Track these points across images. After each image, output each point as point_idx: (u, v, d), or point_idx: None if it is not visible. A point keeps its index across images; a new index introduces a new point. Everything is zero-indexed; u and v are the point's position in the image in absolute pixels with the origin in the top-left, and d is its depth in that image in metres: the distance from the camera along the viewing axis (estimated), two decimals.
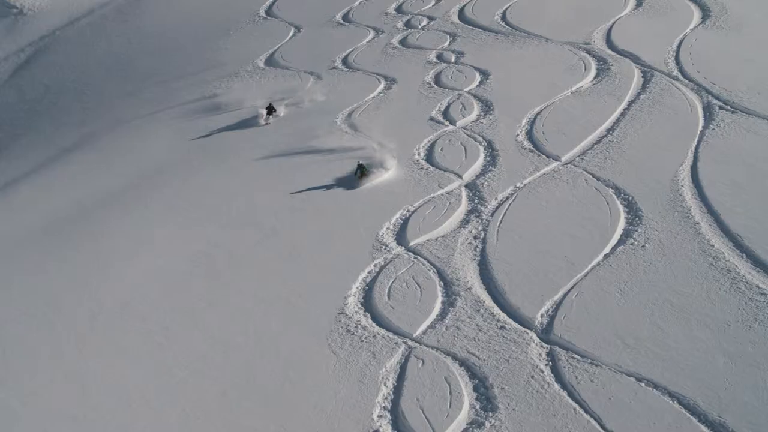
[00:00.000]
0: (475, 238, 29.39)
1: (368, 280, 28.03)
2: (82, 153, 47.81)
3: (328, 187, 34.09)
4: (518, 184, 32.48)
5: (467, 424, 21.70)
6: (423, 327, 25.41)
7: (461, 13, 55.56)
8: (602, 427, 20.88)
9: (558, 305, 25.32)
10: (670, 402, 21.23)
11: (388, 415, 22.29)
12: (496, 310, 25.66)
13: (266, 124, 41.35)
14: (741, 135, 33.64)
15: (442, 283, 27.23)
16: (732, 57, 41.73)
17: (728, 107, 36.22)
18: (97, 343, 26.99)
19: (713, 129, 34.48)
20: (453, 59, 47.38)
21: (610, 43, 46.11)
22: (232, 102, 46.33)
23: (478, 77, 44.06)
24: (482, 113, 39.60)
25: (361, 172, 33.69)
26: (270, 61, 54.02)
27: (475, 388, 22.73)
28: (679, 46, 44.08)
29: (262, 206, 33.42)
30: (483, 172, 33.88)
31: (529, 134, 36.61)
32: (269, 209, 32.95)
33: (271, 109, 41.55)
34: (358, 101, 43.37)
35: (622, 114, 37.33)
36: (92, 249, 32.85)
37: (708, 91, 38.12)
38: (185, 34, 64.13)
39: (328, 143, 38.43)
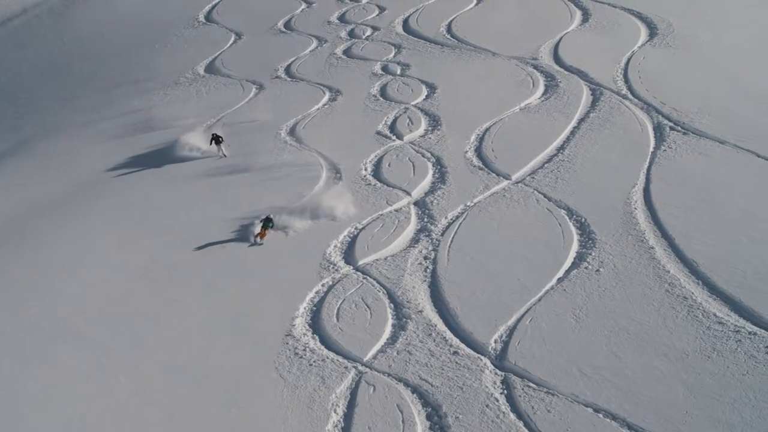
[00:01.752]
0: (426, 258, 28.74)
1: (316, 300, 27.29)
2: (16, 159, 46.36)
3: (273, 201, 32.99)
4: (468, 203, 31.91)
5: None
6: (373, 351, 24.71)
7: (406, 24, 54.96)
8: None
9: (512, 330, 24.76)
10: None
11: None
12: (449, 334, 25.03)
13: (223, 156, 38.75)
14: (693, 157, 33.37)
15: (392, 305, 26.59)
16: (681, 76, 41.60)
17: (679, 128, 36.01)
18: (33, 363, 25.85)
19: (665, 150, 34.20)
20: (398, 71, 46.74)
21: (557, 58, 45.80)
22: (170, 117, 44.79)
23: (424, 90, 43.49)
24: (430, 128, 39.02)
25: (264, 226, 30.69)
26: (210, 69, 52.99)
27: (429, 417, 22.10)
28: (627, 64, 43.92)
29: (205, 220, 32.47)
30: (432, 190, 33.26)
31: (479, 151, 36.09)
32: (212, 223, 32.02)
33: (218, 139, 38.76)
34: (303, 113, 42.50)
35: (572, 132, 36.96)
36: (28, 261, 31.65)
37: (658, 111, 37.92)
38: (122, 38, 62.82)
39: (272, 157, 37.48)
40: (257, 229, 30.72)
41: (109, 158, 40.32)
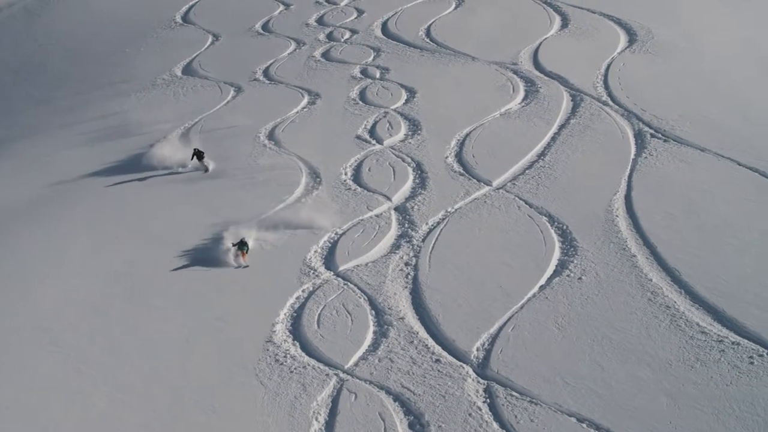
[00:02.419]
0: (407, 264, 28.57)
1: (296, 306, 27.12)
2: None
3: (252, 206, 32.71)
4: (449, 209, 31.79)
5: None
6: (355, 358, 24.55)
7: (384, 27, 54.66)
8: None
9: (494, 338, 24.66)
10: None
11: None
12: (431, 342, 24.88)
13: (206, 170, 37.37)
14: (674, 165, 33.36)
15: (373, 312, 26.44)
16: (661, 84, 41.60)
17: (660, 135, 36.01)
18: (8, 368, 25.47)
19: (646, 157, 34.18)
20: (378, 75, 46.47)
21: (537, 64, 45.69)
22: (147, 120, 44.27)
23: (404, 95, 43.27)
24: (410, 133, 38.82)
25: (241, 249, 29.48)
26: (188, 70, 52.49)
27: (411, 426, 21.95)
28: (607, 70, 43.88)
29: (184, 224, 32.18)
30: (413, 195, 33.11)
31: (459, 156, 35.95)
32: (191, 228, 31.71)
33: (199, 154, 37.32)
34: (282, 116, 42.14)
35: (553, 138, 36.90)
36: (4, 265, 31.19)
37: (639, 118, 37.91)
38: (98, 39, 62.15)
39: (251, 161, 37.19)
40: (232, 254, 29.76)
41: (86, 162, 39.83)
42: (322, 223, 31.07)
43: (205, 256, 29.99)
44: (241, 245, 29.13)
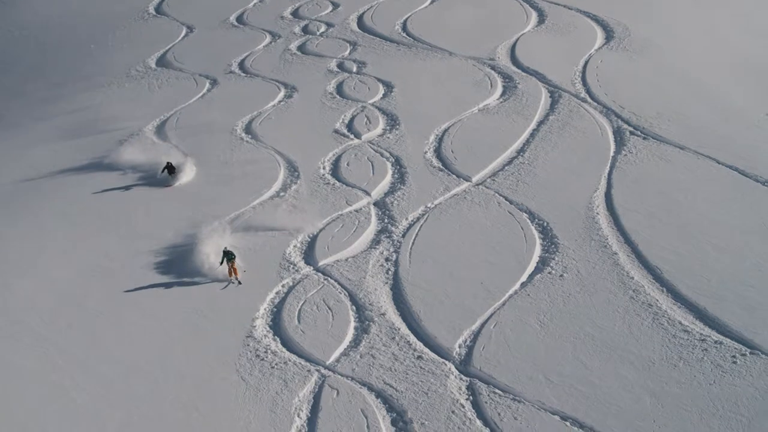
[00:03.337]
0: (387, 260, 28.41)
1: (276, 301, 26.88)
2: None
3: (230, 200, 32.50)
4: (429, 205, 31.65)
5: None
6: (336, 354, 24.35)
7: (360, 21, 54.58)
8: None
9: (476, 335, 24.51)
10: None
11: None
12: (412, 338, 24.71)
13: (170, 185, 35.26)
14: (654, 162, 33.35)
15: (354, 308, 26.25)
16: (639, 81, 41.68)
17: (639, 133, 36.01)
18: None
19: (625, 155, 34.16)
20: (355, 69, 46.37)
21: (514, 59, 45.67)
22: (122, 114, 43.85)
23: (381, 89, 43.16)
24: (388, 127, 38.70)
25: (228, 259, 27.92)
26: (162, 62, 52.22)
27: (394, 422, 21.77)
28: (585, 67, 43.90)
29: (160, 218, 31.97)
30: (392, 190, 32.97)
31: (438, 152, 35.82)
32: (169, 222, 31.50)
33: (171, 168, 35.21)
34: (258, 109, 41.87)
35: (532, 135, 36.84)
36: None
37: (617, 115, 37.89)
38: (72, 31, 61.77)
39: (229, 155, 36.91)
40: (218, 264, 28.45)
41: (61, 155, 39.46)
42: (300, 225, 30.61)
43: (183, 250, 29.59)
44: (228, 256, 27.87)
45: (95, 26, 61.58)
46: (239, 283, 27.60)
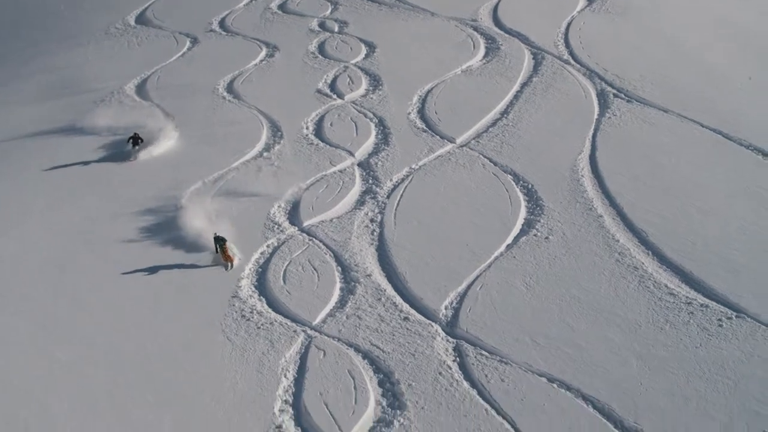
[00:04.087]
0: (372, 221, 28.36)
1: (261, 261, 26.73)
2: None
3: (213, 161, 32.38)
4: (413, 166, 31.60)
5: (374, 422, 20.58)
6: (322, 315, 24.24)
7: None
8: (516, 430, 20.01)
9: (462, 297, 24.48)
10: (585, 406, 20.52)
11: (291, 410, 21.00)
12: (399, 299, 24.68)
13: (134, 159, 33.79)
14: (638, 125, 33.44)
15: (339, 268, 26.16)
16: (621, 43, 41.79)
17: (623, 95, 36.10)
18: None
19: (609, 117, 34.22)
20: (336, 29, 46.15)
21: (497, 21, 45.63)
22: (102, 74, 43.30)
23: (364, 49, 42.99)
24: (371, 88, 38.58)
25: (221, 245, 26.83)
26: (142, 19, 51.76)
27: (381, 383, 21.68)
28: (567, 29, 43.91)
29: (142, 180, 31.68)
30: (376, 151, 32.89)
31: (421, 113, 35.75)
32: (151, 183, 31.23)
33: (136, 140, 33.94)
34: (240, 68, 41.54)
35: (515, 97, 36.82)
36: None
37: (601, 78, 37.93)
38: None
39: (211, 115, 36.70)
40: (212, 248, 27.26)
41: (40, 116, 38.80)
42: (284, 188, 30.42)
43: (166, 212, 29.42)
44: (220, 242, 26.89)
45: None
46: (231, 267, 26.66)
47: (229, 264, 26.50)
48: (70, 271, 26.59)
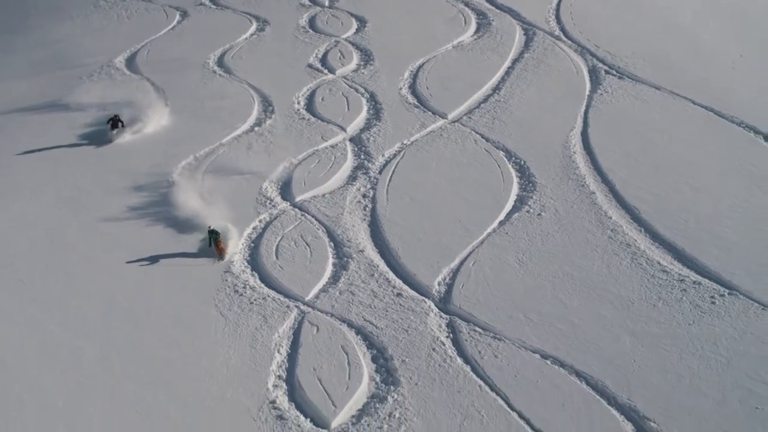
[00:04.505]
0: (364, 196, 28.33)
1: (254, 236, 26.66)
2: None
3: (204, 135, 32.30)
4: (405, 141, 31.54)
5: (368, 398, 20.62)
6: (315, 290, 24.24)
7: None
8: (510, 406, 20.06)
9: (455, 273, 24.50)
10: (578, 382, 20.60)
11: (284, 385, 21.04)
12: (392, 275, 24.68)
13: (110, 141, 32.96)
14: (630, 102, 33.46)
15: (332, 244, 26.15)
16: (613, 19, 41.71)
17: (614, 72, 36.06)
18: None
19: (601, 94, 34.20)
20: (327, 3, 45.77)
21: None
22: (91, 48, 42.80)
23: (354, 24, 42.77)
24: (362, 63, 38.40)
25: (214, 239, 26.09)
26: None
27: (374, 359, 21.71)
28: (558, 5, 43.71)
29: (133, 152, 31.53)
30: (367, 126, 32.82)
31: (413, 88, 35.65)
32: (142, 157, 31.08)
33: (116, 123, 33.10)
34: (230, 42, 41.32)
35: (507, 73, 36.75)
36: None
37: (592, 54, 37.87)
38: None
39: (201, 88, 36.51)
40: (202, 229, 26.80)
41: (30, 93, 38.22)
42: (276, 165, 30.33)
43: (157, 188, 29.23)
44: (214, 235, 26.11)
45: None
46: (222, 260, 25.85)
47: (221, 256, 25.88)
48: (61, 246, 26.45)
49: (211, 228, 26.20)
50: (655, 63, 36.64)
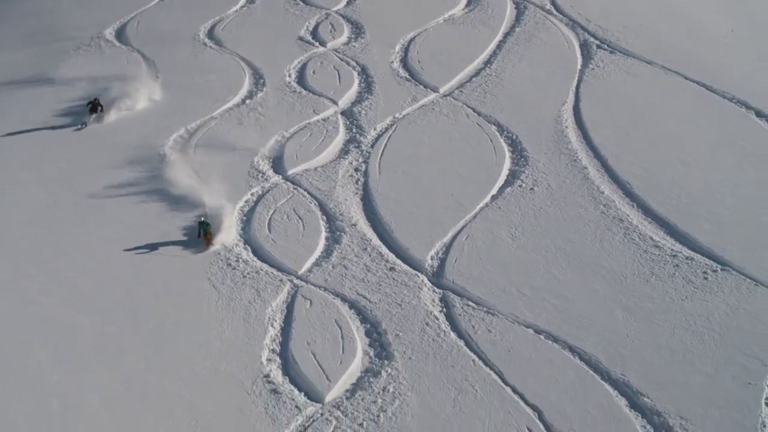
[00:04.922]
0: (356, 170, 28.31)
1: (246, 210, 26.65)
2: None
3: (195, 108, 32.25)
4: (397, 115, 31.50)
5: (362, 372, 20.65)
6: (308, 264, 24.25)
7: None
8: (504, 381, 20.11)
9: (448, 248, 24.53)
10: (572, 357, 20.66)
11: (278, 359, 21.07)
12: (384, 249, 24.69)
13: (82, 126, 32.12)
14: (621, 77, 33.46)
15: (324, 218, 26.14)
16: None
17: (606, 46, 35.99)
18: None
19: (593, 69, 34.19)
20: None
21: None
22: (77, 22, 42.48)
23: None
24: (353, 35, 38.28)
25: (204, 230, 25.40)
26: None
27: (368, 333, 21.74)
28: None
29: (123, 126, 31.48)
30: (359, 100, 32.74)
31: (404, 62, 35.57)
32: (133, 129, 31.00)
33: (95, 106, 32.35)
34: (221, 14, 41.11)
35: (498, 46, 36.68)
36: None
37: (583, 28, 37.80)
38: None
39: (192, 61, 36.39)
40: (196, 228, 25.90)
41: (19, 65, 38.20)
42: (267, 138, 30.21)
43: (149, 162, 29.13)
44: (204, 226, 25.51)
45: None
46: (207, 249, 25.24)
47: (207, 246, 25.27)
48: (53, 219, 26.44)
49: (202, 219, 25.74)
50: (646, 37, 36.61)
